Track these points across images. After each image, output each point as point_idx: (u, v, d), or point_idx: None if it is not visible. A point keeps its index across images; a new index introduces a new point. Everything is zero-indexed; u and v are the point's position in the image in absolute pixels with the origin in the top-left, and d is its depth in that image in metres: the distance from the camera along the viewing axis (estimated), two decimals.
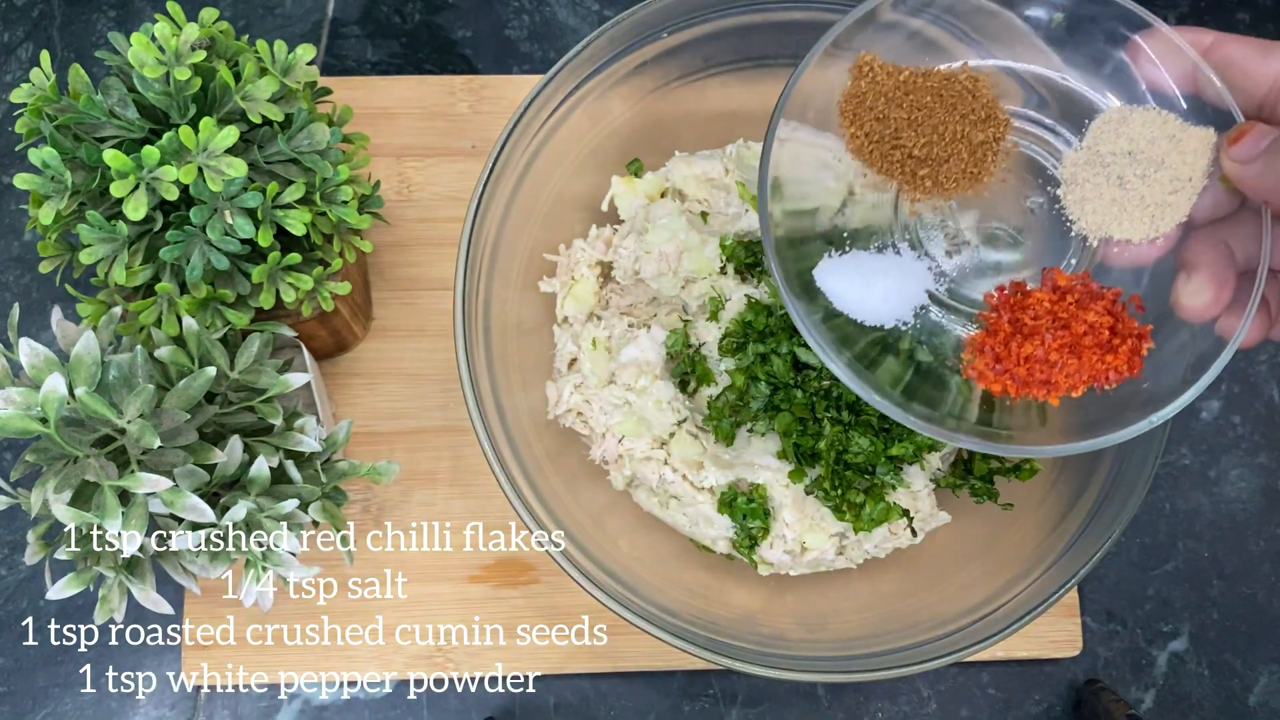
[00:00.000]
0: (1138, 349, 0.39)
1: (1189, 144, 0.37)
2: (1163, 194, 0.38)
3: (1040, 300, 0.39)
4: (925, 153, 0.41)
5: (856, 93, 0.42)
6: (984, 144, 0.41)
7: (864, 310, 0.42)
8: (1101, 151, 0.39)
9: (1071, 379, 0.38)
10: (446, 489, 0.61)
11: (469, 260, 0.49)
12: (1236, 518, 0.64)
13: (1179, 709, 0.62)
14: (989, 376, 0.39)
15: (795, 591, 0.56)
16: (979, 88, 0.42)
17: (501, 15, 0.69)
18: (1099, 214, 0.39)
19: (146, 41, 0.44)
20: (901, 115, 0.41)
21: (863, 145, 0.42)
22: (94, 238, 0.45)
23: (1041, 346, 0.38)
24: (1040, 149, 0.43)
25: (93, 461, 0.42)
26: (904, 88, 0.41)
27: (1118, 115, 0.39)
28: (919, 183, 0.41)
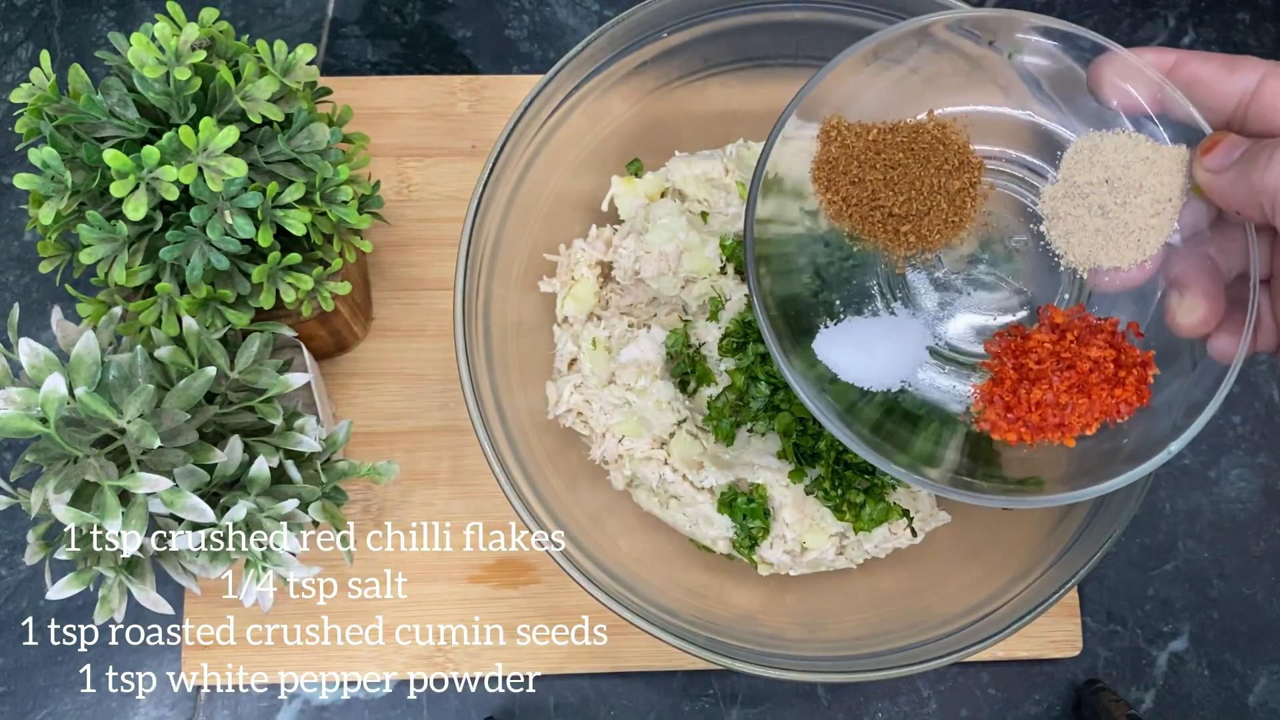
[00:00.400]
0: (1144, 377, 0.38)
1: (1163, 164, 0.37)
2: (1145, 218, 0.37)
3: (1041, 342, 0.39)
4: (905, 210, 0.41)
5: (828, 158, 0.41)
6: (961, 191, 0.41)
7: (868, 377, 0.42)
8: (1079, 182, 0.39)
9: (1084, 418, 0.38)
10: (446, 489, 0.61)
11: (469, 260, 0.49)
12: (1236, 518, 0.64)
13: (1179, 709, 0.62)
14: (1002, 427, 0.39)
15: (795, 591, 0.56)
16: (948, 135, 0.41)
17: (501, 15, 0.69)
18: (1085, 245, 0.39)
19: (146, 41, 0.44)
20: (877, 176, 0.41)
21: (841, 210, 0.41)
22: (94, 238, 0.45)
23: (1050, 390, 0.38)
24: (1018, 187, 0.43)
25: (93, 461, 0.42)
26: (874, 147, 0.41)
27: (1089, 144, 0.39)
28: (902, 239, 0.41)
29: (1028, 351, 0.39)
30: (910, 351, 0.43)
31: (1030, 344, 0.39)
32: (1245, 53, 0.70)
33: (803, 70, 0.56)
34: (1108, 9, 0.71)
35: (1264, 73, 0.33)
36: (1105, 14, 0.71)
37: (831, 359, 0.42)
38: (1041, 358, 0.39)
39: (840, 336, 0.42)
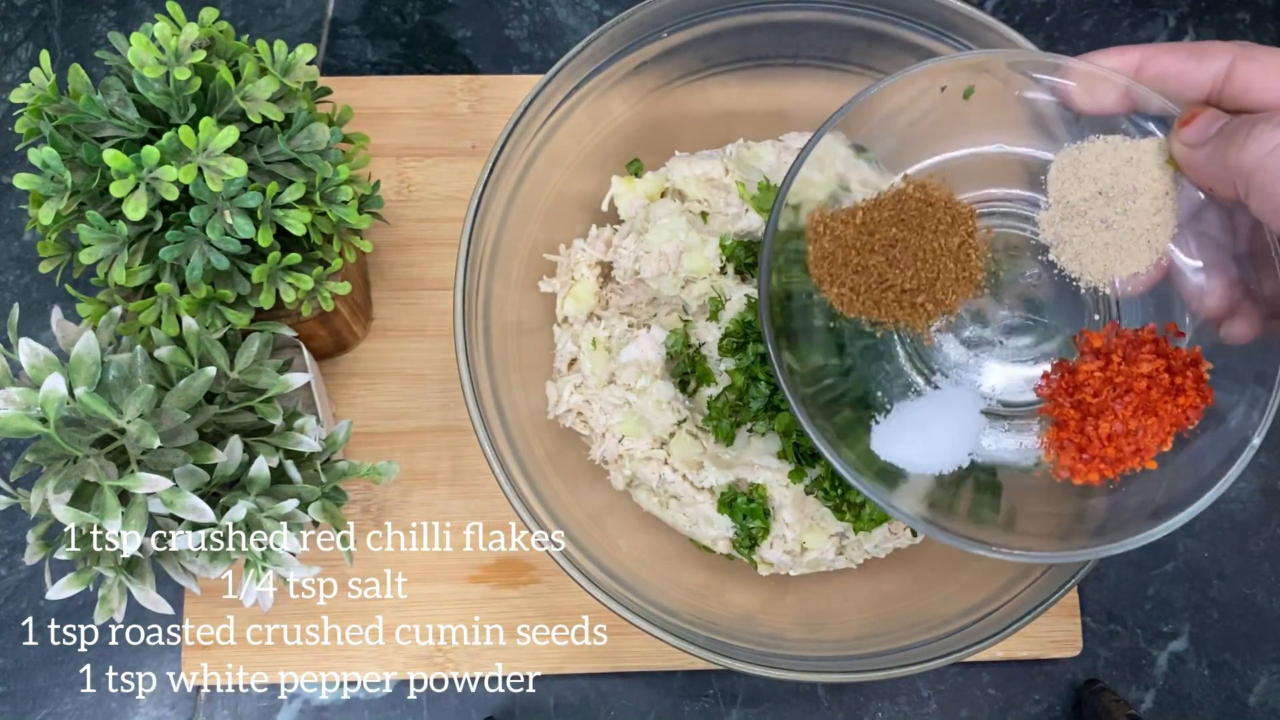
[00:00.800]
0: (1199, 376, 0.37)
1: (1148, 160, 0.37)
2: (1149, 218, 0.37)
3: (1091, 373, 0.38)
4: (915, 282, 0.40)
5: (823, 255, 0.41)
6: (962, 245, 0.40)
7: (936, 462, 0.41)
8: (1072, 201, 0.38)
9: (1158, 436, 0.37)
10: (446, 489, 0.61)
11: (469, 260, 0.49)
12: (1236, 518, 0.64)
13: (1179, 709, 0.62)
14: (1081, 470, 0.38)
15: (795, 591, 0.56)
16: (931, 193, 0.41)
17: (501, 15, 0.69)
18: (1098, 262, 0.38)
19: (146, 41, 0.44)
20: (879, 259, 0.40)
21: (852, 301, 0.40)
22: (94, 238, 0.45)
23: (1116, 419, 0.37)
24: (1015, 222, 0.42)
25: (93, 461, 0.42)
26: (866, 229, 0.40)
27: (1069, 160, 0.38)
28: (921, 310, 0.40)
29: (1081, 386, 0.38)
30: (968, 422, 0.41)
31: (1080, 377, 0.38)
32: None
33: (803, 70, 0.56)
34: (1107, 9, 0.71)
35: (1234, 56, 0.32)
36: (1105, 14, 0.71)
37: (894, 455, 0.41)
38: (1097, 389, 0.38)
39: (894, 429, 0.41)
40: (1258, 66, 0.32)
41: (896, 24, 0.51)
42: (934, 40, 0.51)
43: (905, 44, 0.52)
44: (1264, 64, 0.32)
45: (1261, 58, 0.32)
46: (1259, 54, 0.32)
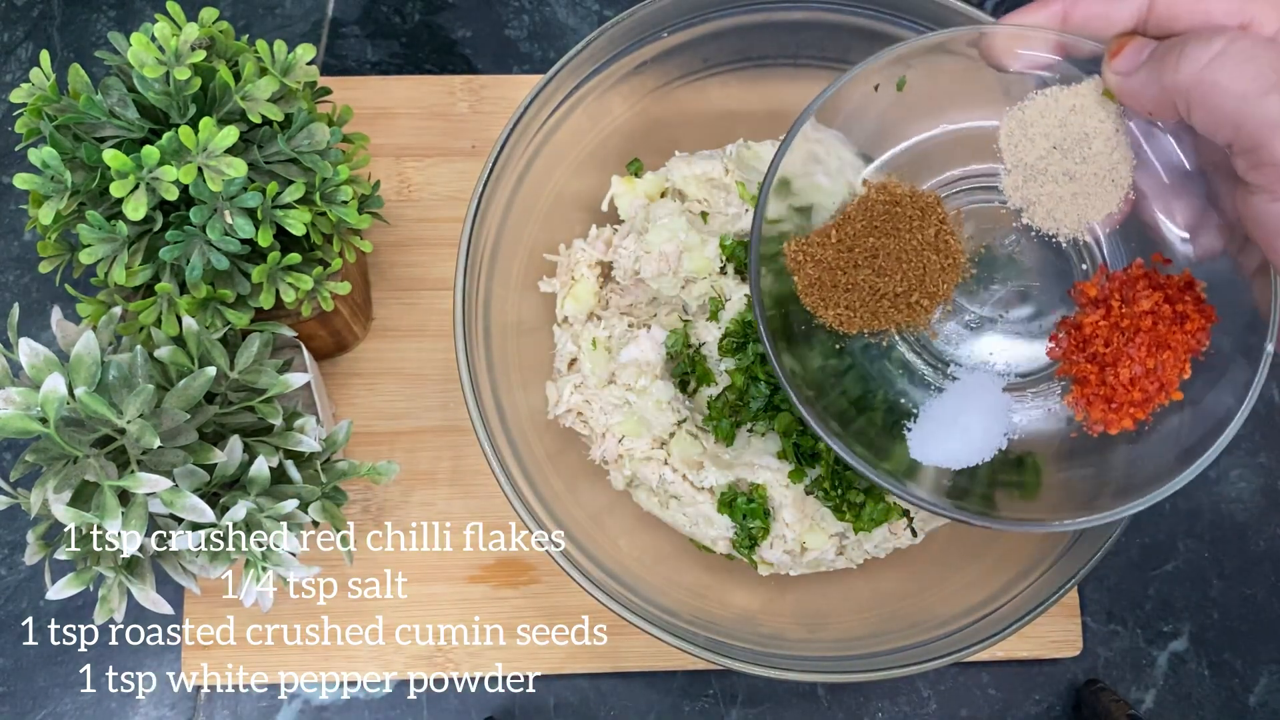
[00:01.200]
0: (1198, 297, 0.38)
1: (1090, 102, 0.37)
2: (1108, 159, 0.37)
3: (1095, 323, 0.38)
4: (905, 285, 0.40)
5: (811, 282, 0.41)
6: (939, 233, 0.41)
7: (978, 452, 0.41)
8: (1029, 162, 0.38)
9: (1177, 366, 0.38)
10: (446, 489, 0.61)
11: (469, 260, 0.49)
12: (1237, 517, 0.64)
13: (1179, 709, 0.62)
14: (1115, 419, 0.38)
15: (795, 591, 0.56)
16: (892, 193, 0.41)
17: (501, 15, 0.69)
18: (1070, 214, 0.39)
19: (146, 41, 0.44)
20: (866, 272, 0.40)
21: (851, 318, 0.41)
22: (94, 238, 0.45)
23: (1135, 362, 0.37)
24: (983, 195, 0.42)
25: (93, 461, 0.42)
26: (845, 246, 0.40)
27: (1014, 122, 0.38)
28: (918, 308, 0.41)
29: (1090, 339, 0.39)
30: (995, 404, 0.42)
31: (1087, 330, 0.39)
32: None
33: (803, 70, 0.56)
34: None
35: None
36: None
37: (937, 457, 0.41)
38: (1106, 338, 0.38)
39: (928, 432, 0.41)
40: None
41: (897, 24, 0.52)
42: None
43: None
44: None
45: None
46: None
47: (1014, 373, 0.42)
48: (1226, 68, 0.30)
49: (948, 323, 0.43)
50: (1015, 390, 0.42)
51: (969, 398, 0.42)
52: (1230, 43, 0.30)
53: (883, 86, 0.41)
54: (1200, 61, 0.30)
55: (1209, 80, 0.30)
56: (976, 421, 0.41)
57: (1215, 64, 0.30)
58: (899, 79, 0.41)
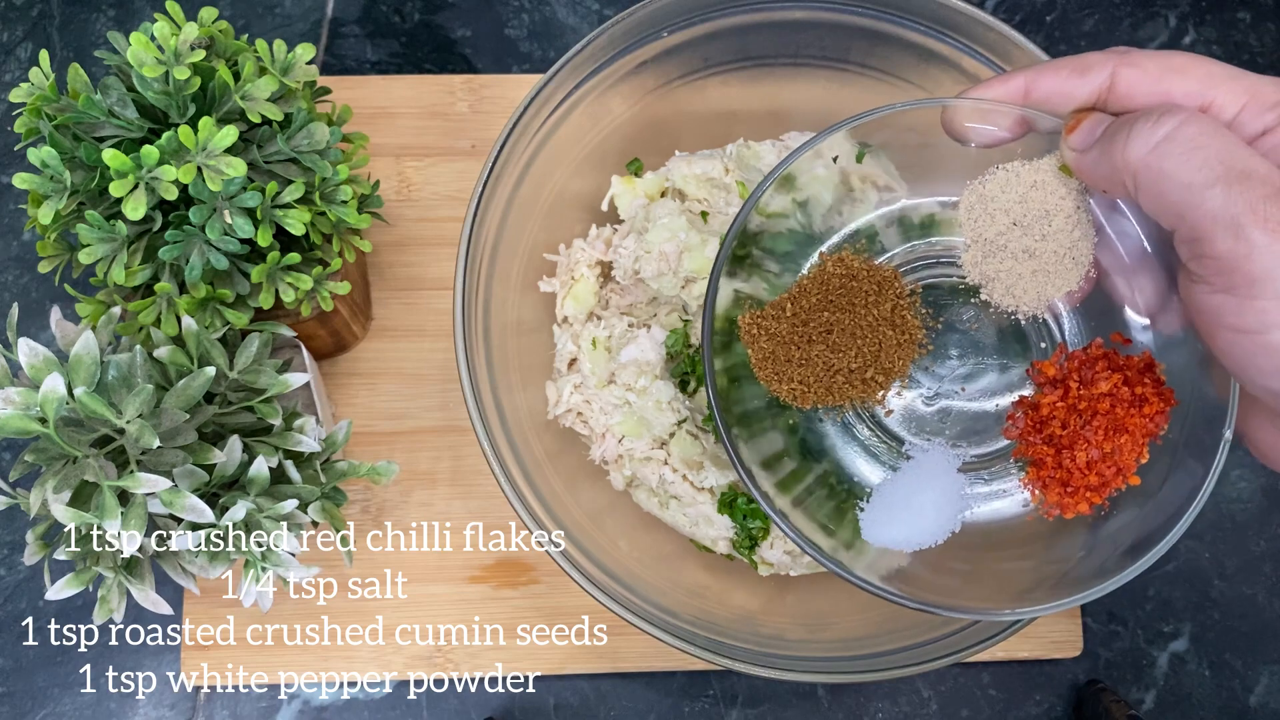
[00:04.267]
0: (1158, 380, 0.37)
1: (1050, 179, 0.36)
2: (1069, 237, 0.37)
3: (1053, 404, 0.38)
4: (860, 361, 0.40)
5: (764, 356, 0.40)
6: (895, 308, 0.40)
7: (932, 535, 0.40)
8: (989, 237, 0.38)
9: (1134, 450, 0.37)
10: (446, 489, 0.61)
11: (469, 260, 0.49)
12: (1237, 518, 0.64)
13: (1180, 709, 0.62)
14: (1070, 504, 0.37)
15: (795, 592, 0.56)
16: (849, 265, 0.40)
17: (501, 15, 0.69)
18: (1030, 291, 0.38)
19: (146, 41, 0.44)
20: (820, 348, 0.40)
21: (804, 393, 0.40)
22: (93, 237, 0.45)
23: (1091, 446, 0.37)
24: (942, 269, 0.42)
25: (92, 461, 0.42)
26: (799, 320, 0.40)
27: (975, 196, 0.38)
28: (872, 384, 0.40)
29: (1047, 420, 0.38)
30: (950, 484, 0.41)
31: (1045, 411, 0.38)
32: (1245, 52, 0.71)
33: (803, 70, 0.55)
34: (1108, 8, 0.71)
35: (1114, 64, 0.32)
36: (1105, 14, 0.71)
37: (887, 539, 0.40)
38: (1063, 420, 0.37)
39: (880, 512, 0.40)
40: (1138, 73, 0.32)
41: (897, 23, 0.51)
42: (934, 40, 0.51)
43: (906, 43, 0.52)
44: (1144, 70, 0.32)
45: (1142, 63, 0.32)
46: (1139, 59, 0.32)
47: (970, 453, 0.41)
48: (1173, 154, 0.29)
49: (904, 400, 0.42)
50: (971, 470, 0.41)
51: (924, 477, 0.41)
52: (1180, 126, 0.29)
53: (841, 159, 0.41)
54: (1148, 144, 0.30)
55: (1155, 165, 0.29)
56: (931, 503, 0.40)
57: (1162, 148, 0.29)
58: (858, 151, 0.41)
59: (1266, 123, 0.30)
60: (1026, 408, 0.39)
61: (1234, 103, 0.30)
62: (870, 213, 0.43)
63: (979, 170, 0.38)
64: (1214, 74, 0.31)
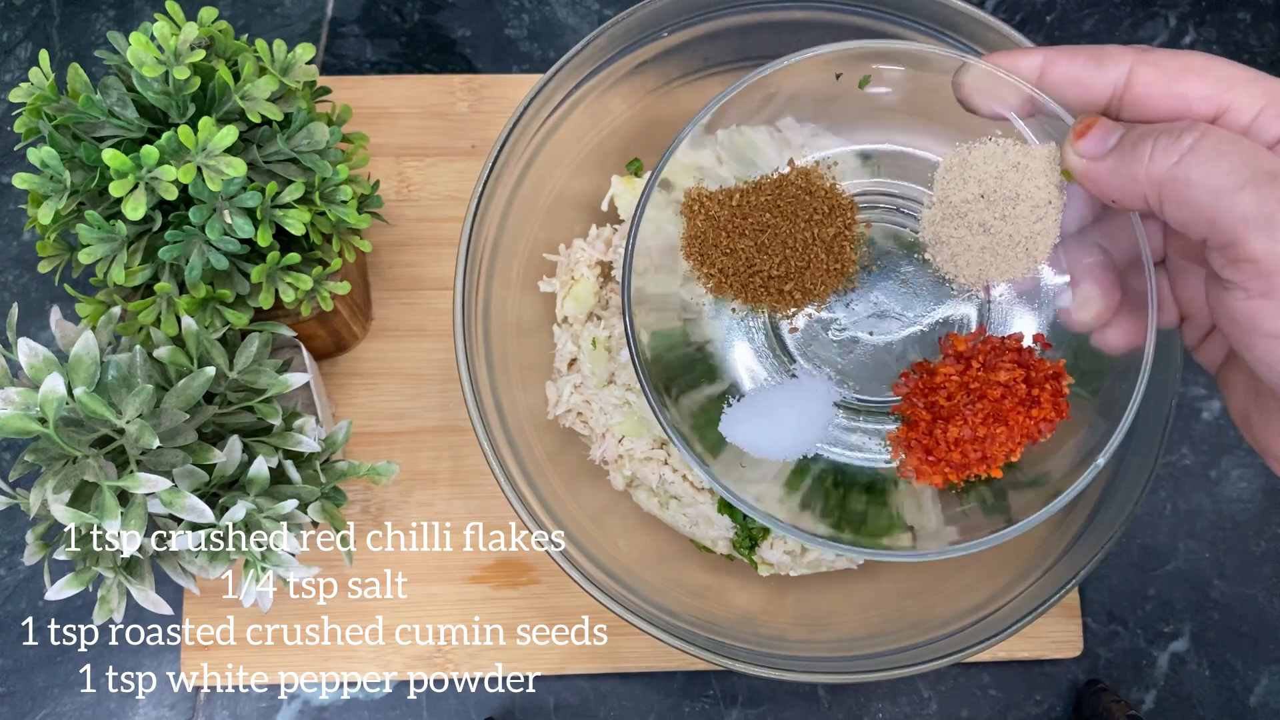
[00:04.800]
0: (1058, 390, 0.37)
1: (1035, 166, 0.36)
2: (1029, 226, 0.36)
3: (949, 375, 0.38)
4: (784, 270, 0.39)
5: (695, 233, 0.40)
6: (837, 237, 0.40)
7: (781, 449, 0.40)
8: (955, 202, 0.37)
9: (1006, 445, 0.37)
10: (446, 489, 0.61)
11: (469, 260, 0.49)
12: (1237, 518, 0.64)
13: (1180, 710, 0.62)
14: (926, 471, 0.37)
15: (796, 592, 0.56)
16: (812, 182, 0.40)
17: (501, 14, 0.69)
18: (973, 265, 0.37)
19: (145, 41, 0.44)
20: (748, 243, 0.39)
21: (721, 282, 0.40)
22: (93, 237, 0.45)
23: (966, 425, 0.36)
24: (898, 217, 0.41)
25: (92, 462, 0.42)
26: (740, 212, 0.40)
27: (958, 159, 0.37)
28: (788, 298, 0.40)
29: (937, 388, 0.38)
30: (819, 413, 0.41)
31: (938, 379, 0.38)
32: (1245, 52, 0.70)
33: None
34: (1108, 8, 0.71)
35: (1132, 61, 0.32)
36: (1105, 13, 0.71)
37: (740, 438, 0.40)
38: (951, 392, 0.37)
39: (745, 413, 0.40)
40: (1155, 72, 0.32)
41: (897, 23, 0.51)
42: (935, 39, 0.51)
43: None
44: (1163, 69, 0.31)
45: (1160, 62, 0.32)
46: (1158, 58, 0.32)
47: (853, 394, 0.41)
48: (1198, 164, 0.29)
49: (813, 324, 0.42)
50: (849, 410, 0.41)
51: (798, 398, 0.41)
52: (1201, 138, 0.29)
53: (845, 77, 0.40)
54: (1172, 157, 0.29)
55: (1181, 177, 0.29)
56: (793, 421, 0.40)
57: (1187, 160, 0.29)
58: (863, 76, 0.40)
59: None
60: (923, 371, 0.39)
61: (1252, 105, 0.30)
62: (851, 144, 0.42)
63: (971, 135, 0.37)
64: (1232, 76, 0.31)
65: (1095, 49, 0.33)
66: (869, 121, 0.42)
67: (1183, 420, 0.65)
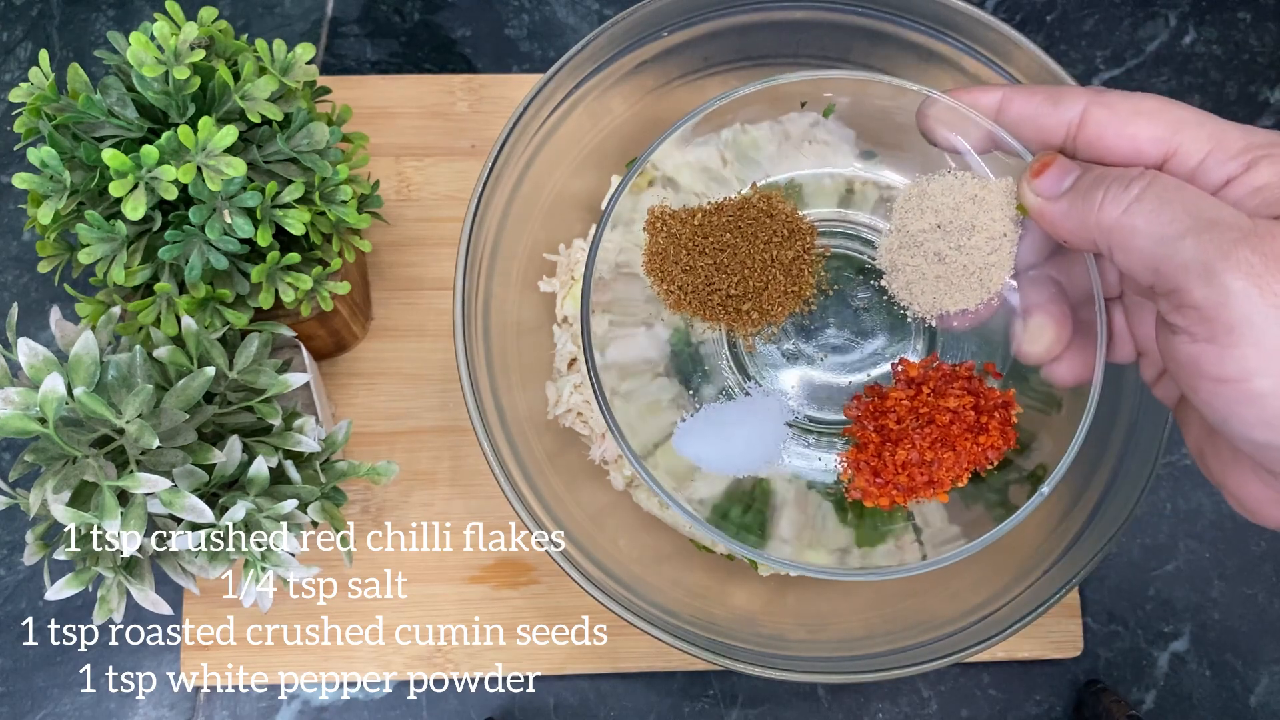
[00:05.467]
0: (1007, 419, 0.38)
1: (993, 199, 0.36)
2: (983, 257, 0.37)
3: (899, 400, 0.38)
4: (742, 289, 0.40)
5: (657, 250, 0.41)
6: (796, 260, 0.41)
7: (731, 465, 0.41)
8: (912, 231, 0.38)
9: (953, 471, 0.37)
10: (446, 489, 0.61)
11: (469, 260, 0.49)
12: (1238, 518, 0.64)
13: (1180, 710, 0.62)
14: (873, 493, 0.38)
15: (796, 592, 0.56)
16: (774, 206, 0.41)
17: (501, 14, 0.69)
18: (928, 294, 0.38)
19: (145, 41, 0.44)
20: (707, 261, 0.40)
21: (679, 299, 0.41)
22: (93, 237, 0.45)
23: (914, 449, 0.37)
24: (857, 244, 0.42)
25: (91, 462, 0.42)
26: (701, 231, 0.40)
27: (917, 190, 0.38)
28: (745, 318, 0.41)
29: (887, 411, 0.38)
30: (770, 432, 0.42)
31: (889, 403, 0.39)
32: (1245, 52, 0.70)
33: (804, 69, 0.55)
34: (1108, 8, 0.71)
35: (1086, 102, 0.33)
36: (1105, 13, 0.71)
37: (691, 452, 0.41)
38: (901, 416, 0.38)
39: (697, 427, 0.41)
40: (1107, 113, 0.32)
41: (897, 23, 0.51)
42: (935, 40, 0.51)
43: (906, 43, 0.52)
44: (1115, 111, 0.32)
45: (1114, 104, 0.32)
46: (1112, 100, 0.32)
47: (805, 414, 0.42)
48: (1144, 211, 0.29)
49: (769, 344, 0.43)
50: (800, 430, 0.42)
51: (750, 416, 0.42)
52: (1147, 186, 0.30)
53: (810, 105, 0.41)
54: (1120, 206, 0.30)
55: (1128, 225, 0.30)
56: (744, 438, 0.41)
57: (1134, 208, 0.30)
58: (828, 106, 0.41)
59: (1230, 171, 0.30)
60: (875, 394, 0.40)
61: (1199, 150, 0.31)
62: (814, 168, 0.43)
63: (931, 168, 0.38)
64: (1182, 119, 0.31)
65: (1052, 89, 0.34)
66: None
67: None
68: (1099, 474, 0.51)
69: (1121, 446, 0.49)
